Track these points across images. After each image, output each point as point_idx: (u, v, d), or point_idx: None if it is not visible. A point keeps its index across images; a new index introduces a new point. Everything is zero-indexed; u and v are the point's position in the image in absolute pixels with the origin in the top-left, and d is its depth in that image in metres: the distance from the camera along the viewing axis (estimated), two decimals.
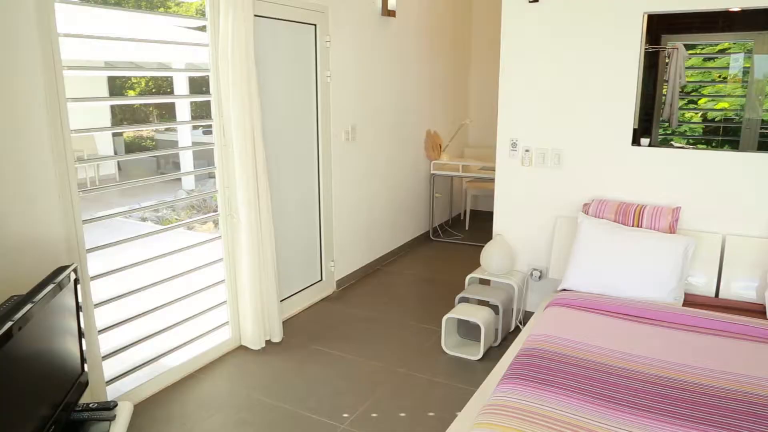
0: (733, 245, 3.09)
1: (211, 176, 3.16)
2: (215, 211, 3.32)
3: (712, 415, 1.93)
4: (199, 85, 9.35)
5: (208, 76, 3.13)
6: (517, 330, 3.63)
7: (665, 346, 2.41)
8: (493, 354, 3.35)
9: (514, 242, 3.69)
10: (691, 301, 2.99)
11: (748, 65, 3.48)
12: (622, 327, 2.59)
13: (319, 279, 4.20)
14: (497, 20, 3.50)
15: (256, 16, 3.24)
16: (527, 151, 3.55)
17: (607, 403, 2.00)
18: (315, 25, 3.82)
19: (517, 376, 2.16)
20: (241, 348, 3.44)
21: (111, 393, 2.78)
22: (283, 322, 3.73)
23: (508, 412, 1.94)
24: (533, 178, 3.57)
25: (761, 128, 3.52)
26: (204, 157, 8.88)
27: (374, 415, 2.78)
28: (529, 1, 3.37)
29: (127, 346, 2.85)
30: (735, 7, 3.03)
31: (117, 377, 2.83)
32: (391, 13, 4.59)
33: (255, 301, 3.34)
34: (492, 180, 3.90)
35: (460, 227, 6.20)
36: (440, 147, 5.73)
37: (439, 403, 2.88)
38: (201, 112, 9.43)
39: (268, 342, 3.49)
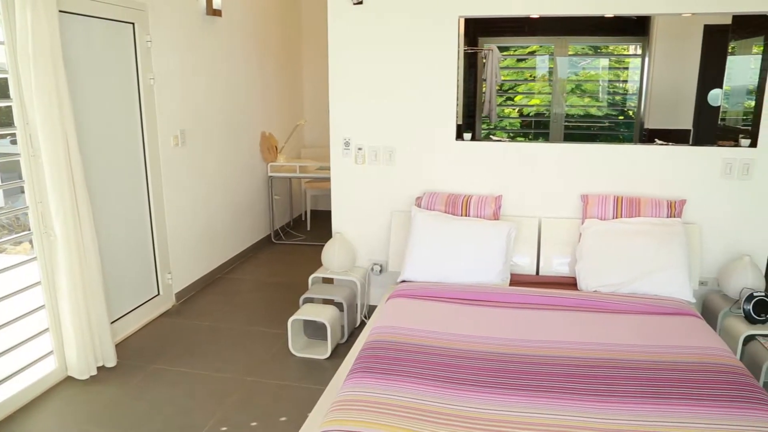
0: (547, 227, 3.44)
1: (23, 191, 2.83)
2: (30, 229, 2.97)
3: (541, 381, 2.14)
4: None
5: (6, 78, 2.78)
6: (363, 324, 3.72)
7: (498, 324, 2.62)
8: (341, 351, 3.40)
9: (354, 239, 3.78)
10: (516, 280, 3.28)
11: (552, 66, 3.89)
12: (458, 311, 2.76)
13: (156, 293, 3.95)
14: (326, 20, 3.55)
15: (62, 12, 2.95)
16: (360, 149, 3.65)
17: (450, 384, 2.13)
18: (133, 23, 3.57)
19: (362, 370, 2.22)
20: (70, 378, 3.13)
21: None
22: (118, 345, 3.46)
23: (356, 405, 1.99)
24: (367, 175, 3.68)
25: (565, 122, 3.96)
26: (16, 170, 7.91)
27: (224, 428, 2.68)
28: (354, 3, 3.46)
29: None
30: (535, 14, 3.36)
31: None
32: (216, 13, 4.44)
33: (80, 326, 3.05)
34: (330, 179, 3.95)
35: (301, 228, 6.20)
36: (276, 148, 5.67)
37: (290, 406, 2.86)
38: (6, 119, 8.38)
39: (101, 368, 3.22)
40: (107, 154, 3.44)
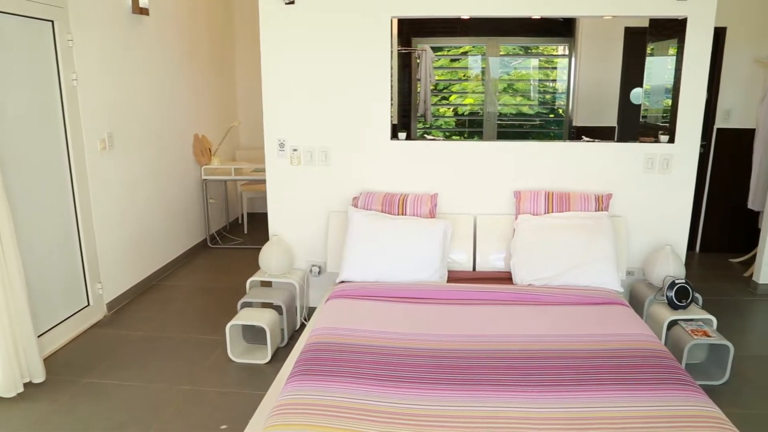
0: (483, 223, 3.51)
1: None
2: None
3: (479, 375, 2.18)
4: None
5: None
6: (303, 327, 3.69)
7: (435, 321, 2.65)
8: (281, 355, 3.36)
9: (292, 241, 3.74)
10: (454, 277, 3.33)
11: (484, 66, 3.98)
12: (397, 309, 2.78)
13: (86, 304, 3.79)
14: (258, 20, 3.49)
15: None
16: (295, 150, 3.62)
17: (389, 382, 2.14)
18: (52, 21, 3.41)
19: (302, 373, 2.20)
20: None
21: None
22: (46, 359, 3.29)
23: (296, 409, 1.97)
24: (304, 176, 3.65)
25: (499, 120, 4.05)
26: None
27: None
28: (285, 3, 3.42)
29: None
30: (465, 15, 3.43)
31: None
32: (143, 11, 4.29)
33: (3, 341, 2.88)
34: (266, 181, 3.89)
35: (238, 231, 6.09)
36: (210, 151, 5.55)
37: (230, 413, 2.80)
38: None
39: (28, 385, 3.05)
40: (27, 160, 3.26)
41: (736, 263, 5.08)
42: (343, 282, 3.19)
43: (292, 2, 3.42)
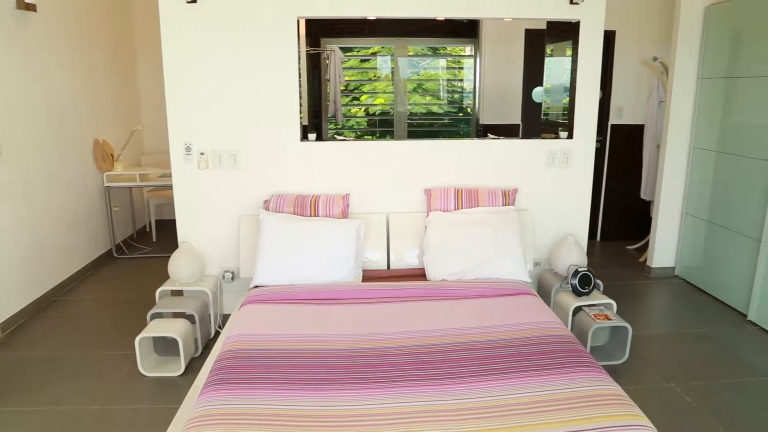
0: (395, 222, 3.55)
1: None
2: None
3: (396, 372, 2.21)
4: None
5: None
6: (218, 335, 3.59)
7: (351, 321, 2.66)
8: (195, 365, 3.25)
9: (202, 247, 3.63)
10: (369, 276, 3.35)
11: (394, 66, 4.03)
12: (312, 312, 2.77)
13: None
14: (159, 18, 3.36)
15: None
16: (202, 154, 3.51)
17: (307, 386, 2.12)
18: None
19: (217, 382, 2.14)
20: None
21: None
22: None
23: (211, 420, 1.91)
24: (212, 180, 3.55)
25: (409, 120, 4.12)
26: None
27: None
28: (187, 2, 3.31)
29: None
30: (371, 16, 3.45)
31: None
32: (30, 7, 4.01)
33: None
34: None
35: (147, 240, 5.83)
36: (112, 156, 5.28)
37: (144, 430, 2.68)
38: None
39: None
40: None
41: (632, 250, 5.43)
42: (257, 287, 3.14)
43: (194, 1, 3.31)
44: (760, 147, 3.78)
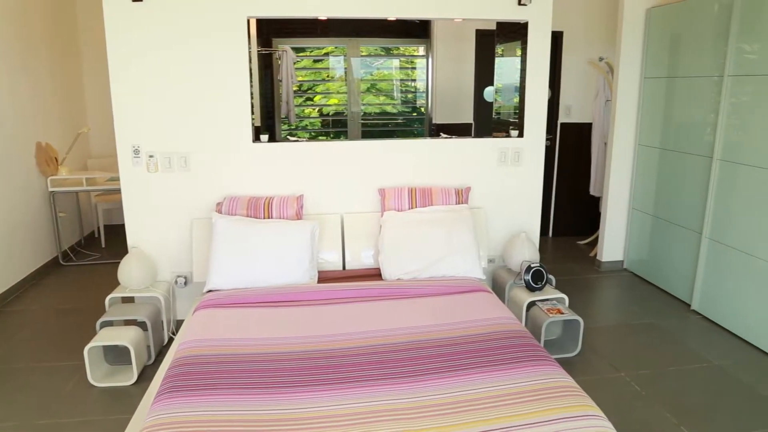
0: (350, 222, 3.55)
1: None
2: None
3: (352, 372, 2.20)
4: None
5: None
6: (171, 341, 3.51)
7: (308, 323, 2.64)
8: (148, 373, 3.17)
9: (154, 252, 3.55)
10: (324, 277, 3.34)
11: (347, 66, 4.02)
12: (268, 315, 2.74)
13: None
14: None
15: None
16: (152, 156, 3.43)
17: (263, 389, 2.10)
18: None
19: (170, 390, 2.10)
20: None
21: None
22: None
23: (165, 429, 1.87)
24: (163, 183, 3.48)
25: (363, 120, 4.12)
26: None
27: None
28: (132, 0, 3.23)
29: None
30: (322, 16, 3.44)
31: None
32: None
33: None
34: None
35: (95, 246, 5.66)
36: (57, 160, 5.10)
37: None
38: None
39: None
40: None
41: (583, 245, 5.58)
42: (210, 291, 3.08)
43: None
44: (699, 144, 3.94)
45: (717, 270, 3.79)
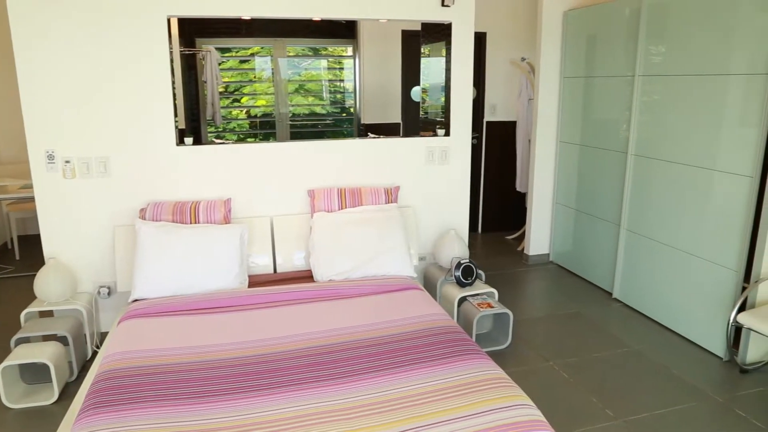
0: (280, 224, 3.51)
1: None
2: None
3: (285, 376, 2.18)
4: None
5: None
6: (96, 355, 3.36)
7: (239, 328, 2.59)
8: (71, 390, 3.01)
9: (73, 262, 3.38)
10: (255, 281, 3.28)
11: (274, 67, 3.95)
12: (198, 322, 2.66)
13: None
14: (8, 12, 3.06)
15: None
16: (68, 162, 3.26)
17: (196, 399, 2.04)
18: None
19: (94, 406, 2.00)
20: None
21: None
22: None
23: None
24: (81, 190, 3.31)
25: (291, 121, 4.07)
26: None
27: None
28: None
29: None
30: (244, 16, 3.38)
31: None
32: None
33: None
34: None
35: (9, 258, 5.32)
36: None
37: None
38: None
39: None
40: None
41: (511, 239, 5.75)
42: (136, 300, 2.97)
43: None
44: (615, 140, 4.14)
45: (634, 259, 4.00)
